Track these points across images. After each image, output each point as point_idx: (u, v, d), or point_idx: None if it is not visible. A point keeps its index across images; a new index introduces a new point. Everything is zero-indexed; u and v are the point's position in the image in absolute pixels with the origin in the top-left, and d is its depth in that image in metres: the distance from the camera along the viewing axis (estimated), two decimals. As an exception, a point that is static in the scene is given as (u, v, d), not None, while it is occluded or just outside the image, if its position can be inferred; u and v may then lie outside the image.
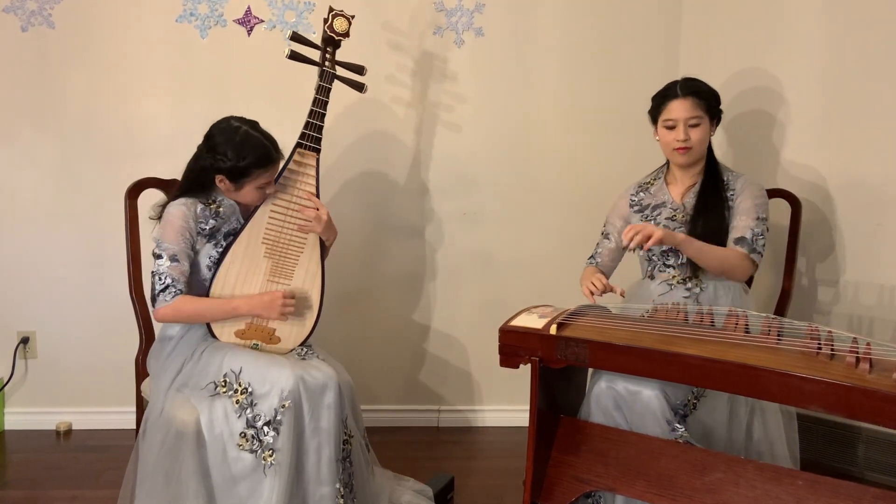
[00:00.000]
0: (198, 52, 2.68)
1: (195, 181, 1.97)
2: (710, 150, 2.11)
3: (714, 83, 2.09)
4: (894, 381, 1.39)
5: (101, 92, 2.69)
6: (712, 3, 2.72)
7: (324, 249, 2.09)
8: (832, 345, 1.56)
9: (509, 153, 2.82)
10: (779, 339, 1.63)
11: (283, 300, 1.93)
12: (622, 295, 2.00)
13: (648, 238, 1.84)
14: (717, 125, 2.10)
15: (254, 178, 1.92)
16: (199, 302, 1.92)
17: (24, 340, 2.79)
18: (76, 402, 2.82)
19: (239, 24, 2.69)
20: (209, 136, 1.93)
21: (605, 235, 2.24)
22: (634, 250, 1.94)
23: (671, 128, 2.04)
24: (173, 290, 1.88)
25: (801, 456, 2.06)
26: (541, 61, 2.78)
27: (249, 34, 2.69)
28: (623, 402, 1.82)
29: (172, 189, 2.12)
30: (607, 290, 2.01)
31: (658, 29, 2.79)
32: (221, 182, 1.94)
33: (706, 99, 2.03)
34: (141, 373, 2.11)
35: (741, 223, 2.01)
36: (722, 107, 2.10)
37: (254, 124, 1.95)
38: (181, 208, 1.93)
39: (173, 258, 1.90)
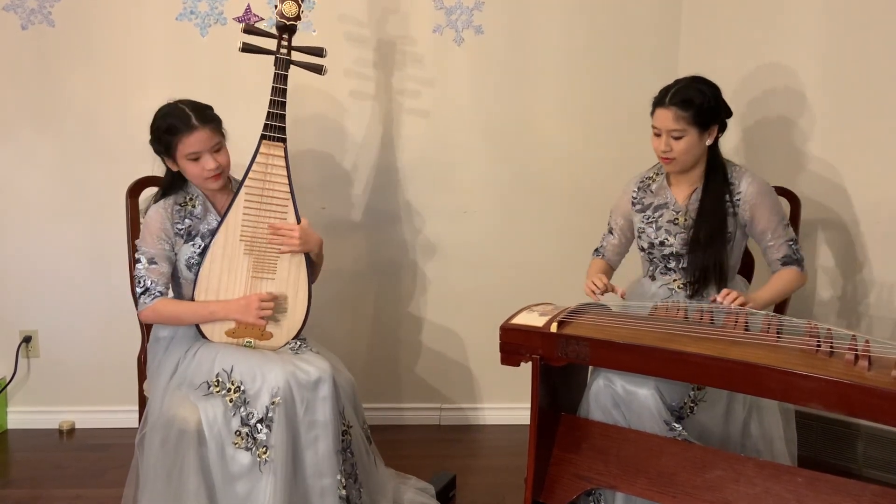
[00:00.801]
0: (198, 51, 2.68)
1: (167, 178, 2.03)
2: (715, 151, 2.04)
3: (713, 79, 2.06)
4: (893, 379, 1.40)
5: (102, 90, 2.69)
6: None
7: (309, 262, 2.07)
8: (831, 342, 1.56)
9: (508, 150, 2.82)
10: (778, 337, 1.63)
11: (259, 303, 1.94)
12: (622, 296, 2.00)
13: (744, 304, 1.85)
14: (718, 131, 2.01)
15: (181, 148, 1.92)
16: (178, 305, 1.97)
17: (27, 339, 2.79)
18: (79, 400, 2.83)
19: (239, 22, 2.68)
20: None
21: (610, 231, 2.24)
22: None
23: (657, 135, 2.01)
24: (152, 293, 1.94)
25: (801, 453, 2.07)
26: (540, 59, 2.77)
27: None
28: (621, 400, 1.82)
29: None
30: (608, 290, 2.02)
31: (657, 25, 2.78)
32: (167, 162, 1.99)
33: (694, 110, 1.93)
34: (143, 371, 2.12)
35: (775, 241, 2.00)
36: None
37: (187, 100, 1.97)
38: (158, 212, 1.98)
39: (151, 261, 1.95)
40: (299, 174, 2.50)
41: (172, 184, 2.02)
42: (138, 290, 1.95)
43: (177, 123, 1.92)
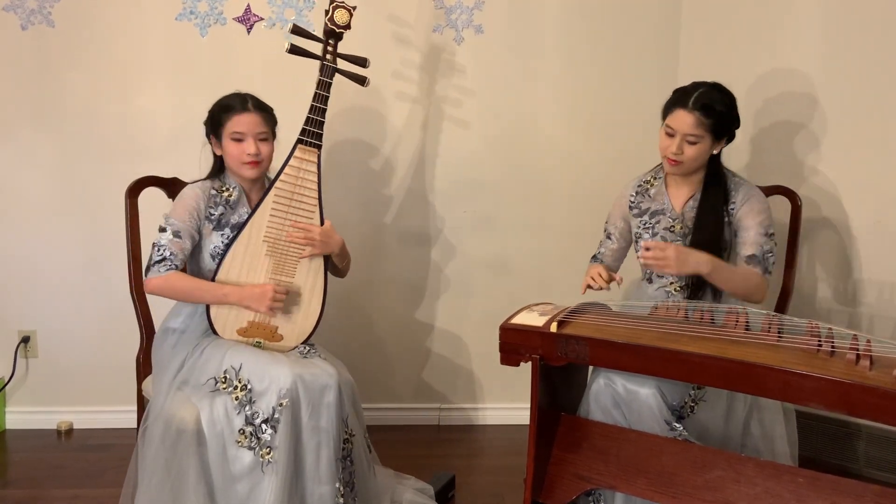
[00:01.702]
0: (198, 51, 2.68)
1: (214, 164, 2.06)
2: (715, 160, 2.02)
3: (712, 79, 2.06)
4: (895, 378, 1.39)
5: (101, 90, 2.69)
6: (712, 1, 2.72)
7: (330, 260, 2.08)
8: (832, 342, 1.56)
9: (508, 151, 2.81)
10: (779, 337, 1.63)
11: (273, 293, 1.93)
12: (619, 282, 2.00)
13: (666, 258, 1.82)
14: (727, 142, 2.01)
15: (229, 125, 1.97)
16: (192, 281, 1.95)
17: (25, 339, 2.79)
18: (77, 401, 2.82)
19: (239, 21, 2.68)
20: None
21: (608, 235, 2.22)
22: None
23: (670, 135, 1.97)
24: (169, 263, 1.92)
25: (802, 453, 2.06)
26: (540, 59, 2.77)
27: (249, 32, 2.69)
28: (621, 400, 1.82)
29: (173, 188, 2.16)
30: (611, 279, 2.00)
31: (657, 25, 2.78)
32: (213, 143, 2.02)
33: (716, 119, 1.92)
34: (142, 371, 2.11)
35: (749, 238, 1.96)
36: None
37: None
38: (195, 190, 2.00)
39: (177, 234, 1.94)
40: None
41: (215, 169, 2.05)
42: (155, 257, 1.92)
43: (233, 103, 1.99)
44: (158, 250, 1.93)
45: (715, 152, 1.99)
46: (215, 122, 2.00)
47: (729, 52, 2.65)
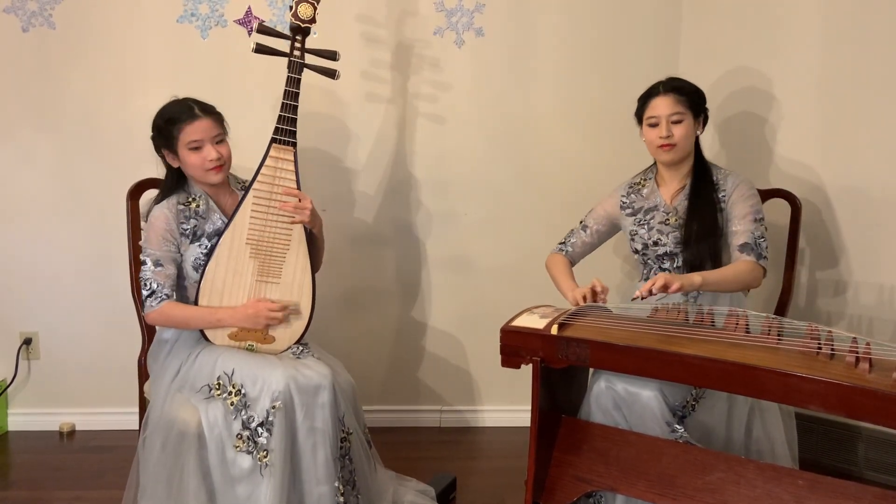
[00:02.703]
0: (198, 53, 2.69)
1: (168, 178, 2.03)
2: (698, 150, 2.11)
3: (713, 82, 2.09)
4: (894, 381, 1.40)
5: (102, 92, 2.69)
6: (712, 2, 2.72)
7: (312, 243, 2.06)
8: (832, 344, 1.56)
9: (510, 152, 2.82)
10: (779, 339, 1.63)
11: (268, 312, 1.94)
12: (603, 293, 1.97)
13: (666, 287, 1.78)
14: (703, 124, 2.09)
15: (182, 137, 1.93)
16: (186, 310, 1.95)
17: (27, 341, 2.79)
18: (79, 402, 2.83)
19: (239, 24, 2.69)
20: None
21: (583, 227, 2.24)
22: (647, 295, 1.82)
23: (654, 125, 2.04)
24: (159, 295, 1.92)
25: (801, 456, 2.07)
26: (541, 61, 2.78)
27: (250, 34, 2.69)
28: (622, 402, 1.82)
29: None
30: (604, 291, 1.97)
31: (658, 28, 2.79)
32: (167, 157, 1.99)
33: (688, 95, 2.04)
34: (144, 373, 2.12)
35: (741, 227, 2.00)
36: (720, 105, 2.10)
37: (189, 97, 2.00)
38: (163, 212, 1.96)
39: (157, 263, 1.93)
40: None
41: (174, 184, 2.02)
42: (144, 292, 1.93)
43: (179, 113, 1.94)
44: (146, 285, 1.93)
45: (699, 133, 2.08)
46: (165, 135, 1.95)
47: (729, 54, 2.65)
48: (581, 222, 2.25)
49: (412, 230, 2.85)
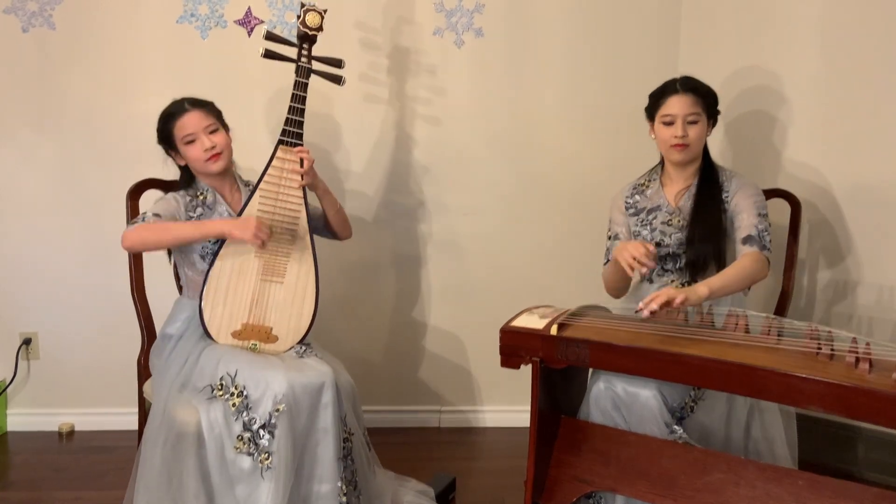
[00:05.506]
0: (198, 53, 2.69)
1: (181, 177, 2.10)
2: (706, 151, 2.10)
3: (713, 82, 2.08)
4: (894, 381, 1.40)
5: (102, 93, 2.69)
6: (712, 2, 2.72)
7: (327, 204, 2.13)
8: (832, 345, 1.56)
9: (509, 152, 2.82)
10: (779, 340, 1.63)
11: (258, 223, 1.91)
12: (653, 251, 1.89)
13: (669, 304, 1.72)
14: (713, 126, 2.08)
15: (177, 132, 2.00)
16: (166, 222, 1.95)
17: (27, 341, 2.79)
18: (78, 403, 2.83)
19: (239, 24, 2.69)
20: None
21: (615, 236, 2.18)
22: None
23: (669, 124, 2.02)
24: (146, 218, 1.94)
25: (801, 456, 2.06)
26: (540, 61, 2.78)
27: (250, 35, 2.69)
28: (621, 403, 1.82)
29: (173, 190, 2.16)
30: (651, 257, 1.87)
31: (658, 28, 2.79)
32: (174, 157, 2.06)
33: (705, 97, 2.02)
34: (143, 373, 2.12)
35: (745, 222, 1.98)
36: (721, 106, 2.09)
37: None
38: (175, 197, 2.06)
39: (156, 215, 1.95)
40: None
41: (184, 183, 2.08)
42: (134, 221, 1.94)
43: (172, 111, 2.03)
44: (140, 218, 1.95)
45: (708, 135, 2.07)
46: (166, 136, 2.04)
47: (729, 55, 2.65)
48: (609, 236, 2.19)
49: (412, 230, 2.85)
